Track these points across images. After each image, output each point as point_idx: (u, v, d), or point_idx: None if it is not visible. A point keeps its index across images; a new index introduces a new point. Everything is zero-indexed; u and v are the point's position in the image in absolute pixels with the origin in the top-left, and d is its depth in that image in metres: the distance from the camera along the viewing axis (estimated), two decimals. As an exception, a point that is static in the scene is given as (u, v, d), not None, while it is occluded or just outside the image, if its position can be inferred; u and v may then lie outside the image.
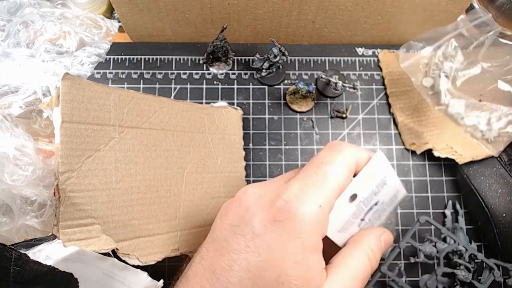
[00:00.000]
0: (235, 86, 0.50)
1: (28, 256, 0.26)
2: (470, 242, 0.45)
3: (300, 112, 0.49)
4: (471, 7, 0.51)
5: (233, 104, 0.49)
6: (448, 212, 0.46)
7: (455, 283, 0.42)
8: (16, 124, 0.41)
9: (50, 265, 0.27)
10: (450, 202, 0.47)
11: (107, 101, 0.34)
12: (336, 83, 0.48)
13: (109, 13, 0.52)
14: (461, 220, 0.46)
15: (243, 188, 0.28)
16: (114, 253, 0.32)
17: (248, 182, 0.47)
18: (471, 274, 0.41)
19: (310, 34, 0.51)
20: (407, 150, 0.49)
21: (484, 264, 0.41)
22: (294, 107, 0.49)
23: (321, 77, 0.48)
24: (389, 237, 0.31)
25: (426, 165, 0.48)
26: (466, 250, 0.41)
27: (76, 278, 0.27)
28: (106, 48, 0.47)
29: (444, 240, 0.45)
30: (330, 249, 0.28)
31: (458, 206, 0.47)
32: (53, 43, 0.42)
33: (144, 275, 0.32)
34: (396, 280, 0.38)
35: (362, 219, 0.30)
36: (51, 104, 0.31)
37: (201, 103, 0.49)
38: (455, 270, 0.40)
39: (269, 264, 0.25)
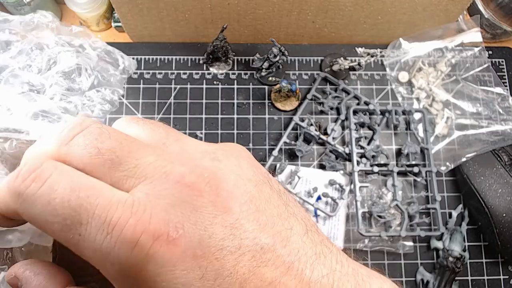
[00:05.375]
0: (235, 86, 0.50)
1: None
2: (465, 250, 0.45)
3: (284, 111, 0.49)
4: (472, 7, 0.52)
5: (233, 104, 0.49)
6: (455, 214, 0.46)
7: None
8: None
9: None
10: (460, 206, 0.47)
11: None
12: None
13: (109, 13, 0.52)
14: (464, 226, 0.46)
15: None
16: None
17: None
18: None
19: (310, 34, 0.51)
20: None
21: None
22: (278, 105, 0.49)
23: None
24: None
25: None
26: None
27: None
28: (120, 93, 0.46)
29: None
30: None
31: (466, 213, 0.47)
32: (66, 76, 0.40)
33: None
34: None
35: None
36: None
37: (201, 103, 0.49)
38: None
39: None
